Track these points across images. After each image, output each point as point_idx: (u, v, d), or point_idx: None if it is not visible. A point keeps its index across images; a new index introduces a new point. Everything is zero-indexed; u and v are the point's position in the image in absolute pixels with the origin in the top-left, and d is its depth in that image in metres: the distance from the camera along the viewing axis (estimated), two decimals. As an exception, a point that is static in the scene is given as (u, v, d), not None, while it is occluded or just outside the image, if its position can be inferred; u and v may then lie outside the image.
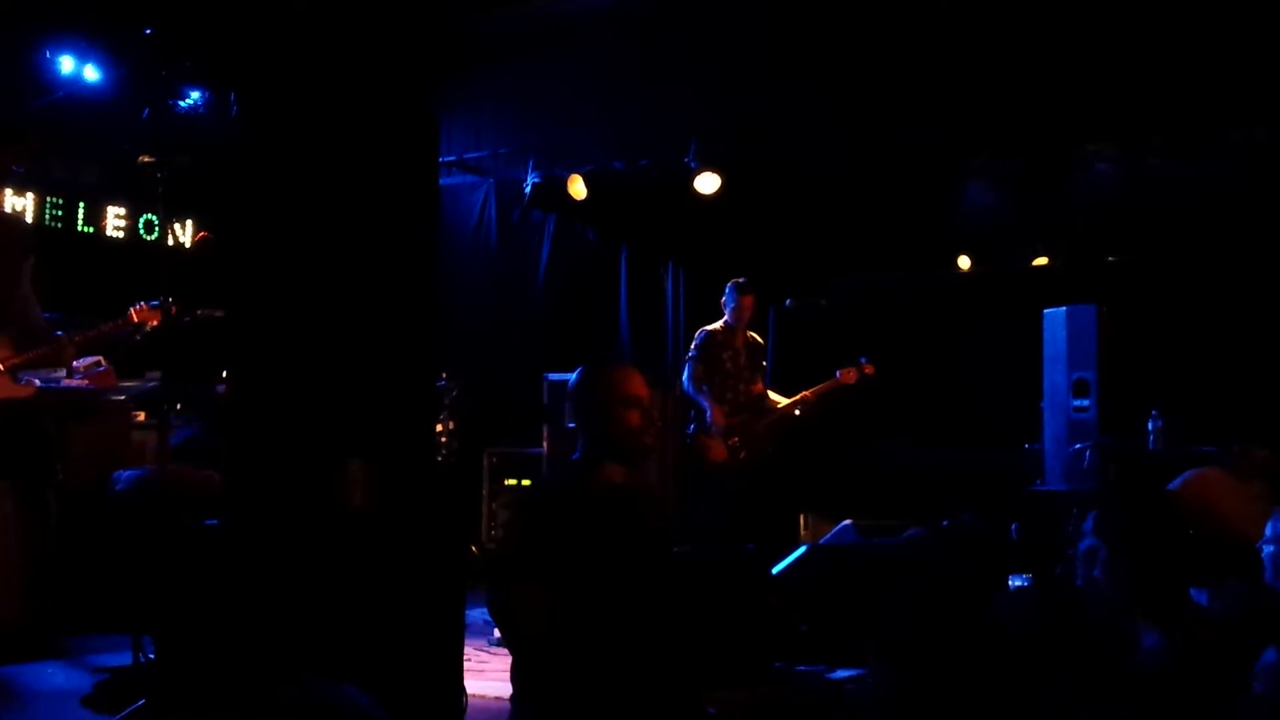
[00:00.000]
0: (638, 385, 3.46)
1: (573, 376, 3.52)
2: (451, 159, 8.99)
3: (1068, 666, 2.81)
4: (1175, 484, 3.56)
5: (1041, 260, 8.83)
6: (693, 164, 8.19)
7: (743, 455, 7.51)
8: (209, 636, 3.87)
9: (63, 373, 5.96)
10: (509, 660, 3.35)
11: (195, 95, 6.55)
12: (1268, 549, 3.05)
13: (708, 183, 8.23)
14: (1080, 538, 2.97)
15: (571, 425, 7.76)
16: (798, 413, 7.70)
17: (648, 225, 9.40)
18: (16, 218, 7.64)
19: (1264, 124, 6.96)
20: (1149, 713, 2.66)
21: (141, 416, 6.72)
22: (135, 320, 5.62)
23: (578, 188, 8.70)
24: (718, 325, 7.69)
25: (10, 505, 5.37)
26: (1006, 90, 7.11)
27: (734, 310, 7.65)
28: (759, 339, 7.89)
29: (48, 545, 5.50)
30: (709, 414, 7.41)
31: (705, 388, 7.49)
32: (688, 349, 7.80)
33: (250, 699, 3.52)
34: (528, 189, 8.98)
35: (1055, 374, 7.06)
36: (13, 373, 5.35)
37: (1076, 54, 6.83)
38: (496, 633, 5.25)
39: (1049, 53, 6.88)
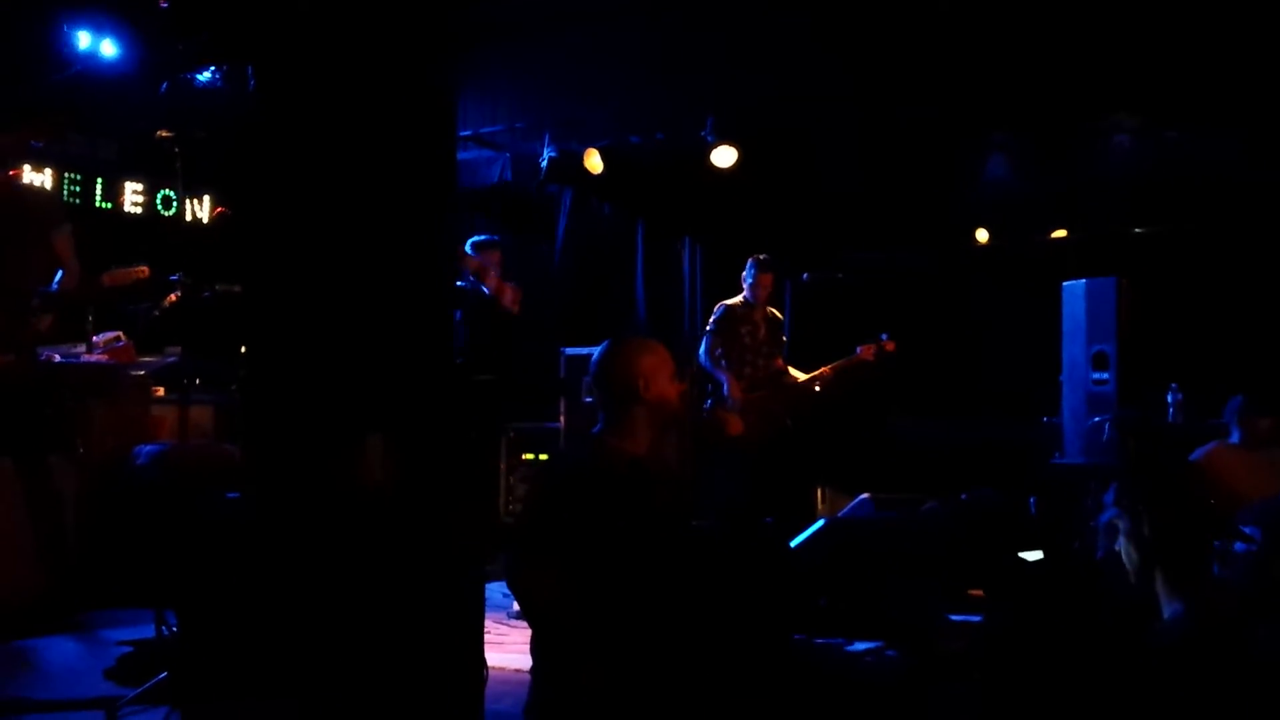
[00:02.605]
0: (666, 353, 3.51)
1: (599, 349, 3.53)
2: (468, 134, 8.95)
3: (1090, 639, 2.81)
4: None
5: (1060, 233, 8.77)
6: (709, 138, 8.18)
7: (759, 430, 7.50)
8: (230, 610, 3.89)
9: (83, 348, 5.99)
10: (529, 633, 3.37)
11: (212, 70, 6.53)
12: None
13: (724, 156, 8.21)
14: (1101, 510, 2.96)
15: (589, 400, 7.80)
16: (817, 389, 7.68)
17: (664, 199, 9.38)
18: (40, 190, 7.65)
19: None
20: (1172, 683, 2.66)
21: (160, 391, 6.75)
22: (106, 284, 5.65)
23: (594, 162, 8.68)
24: (737, 300, 7.67)
25: (26, 481, 5.40)
26: (1025, 62, 7.07)
27: (753, 286, 7.61)
28: (779, 315, 7.87)
29: (66, 520, 5.54)
30: (726, 387, 7.41)
31: (723, 362, 7.48)
32: (705, 323, 7.79)
33: (271, 673, 3.54)
34: (544, 164, 8.97)
35: (1074, 347, 7.04)
36: (30, 349, 5.37)
37: (1095, 25, 6.79)
38: (516, 606, 5.26)
39: (1068, 24, 6.84)
